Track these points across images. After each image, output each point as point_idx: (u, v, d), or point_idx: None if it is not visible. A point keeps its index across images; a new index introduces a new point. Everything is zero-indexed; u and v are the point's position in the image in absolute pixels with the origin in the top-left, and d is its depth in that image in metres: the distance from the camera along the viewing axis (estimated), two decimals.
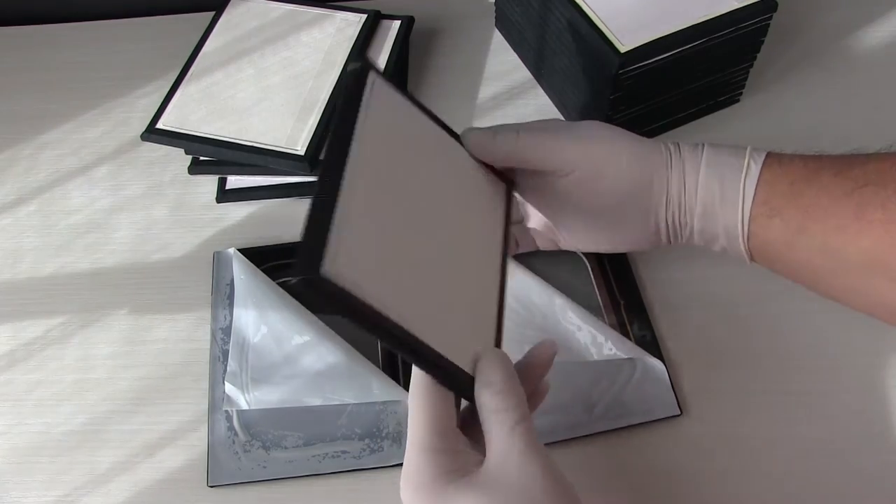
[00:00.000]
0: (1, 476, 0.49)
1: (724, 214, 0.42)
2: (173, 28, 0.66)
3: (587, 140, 0.43)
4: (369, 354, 0.50)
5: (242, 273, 0.53)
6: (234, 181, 0.59)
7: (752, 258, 0.44)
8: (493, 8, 0.66)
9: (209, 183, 0.61)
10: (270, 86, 0.60)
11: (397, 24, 0.64)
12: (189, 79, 0.60)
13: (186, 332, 0.53)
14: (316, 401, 0.48)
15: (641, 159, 0.43)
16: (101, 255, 0.58)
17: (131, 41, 0.70)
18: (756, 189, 0.41)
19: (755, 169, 0.41)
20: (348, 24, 0.63)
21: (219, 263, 0.55)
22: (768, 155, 0.42)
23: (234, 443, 0.48)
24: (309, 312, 0.51)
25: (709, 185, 0.42)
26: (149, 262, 0.57)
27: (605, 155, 0.43)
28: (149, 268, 0.57)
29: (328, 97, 0.58)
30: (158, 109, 0.59)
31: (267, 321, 0.51)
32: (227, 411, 0.49)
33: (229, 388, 0.49)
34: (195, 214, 0.59)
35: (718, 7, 0.53)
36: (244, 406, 0.49)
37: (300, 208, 0.59)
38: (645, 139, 0.44)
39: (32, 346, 0.54)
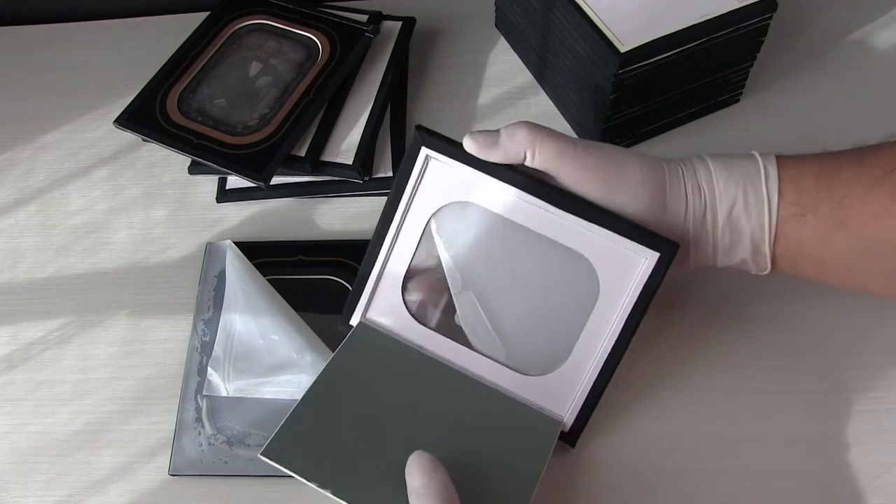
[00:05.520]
0: (1, 476, 0.49)
1: (749, 221, 0.41)
2: (173, 28, 0.66)
3: (598, 147, 0.42)
4: None
5: (235, 264, 0.53)
6: (234, 181, 0.59)
7: (773, 265, 0.43)
8: (494, 8, 0.66)
9: (209, 183, 0.61)
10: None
11: (398, 24, 0.64)
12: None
13: (186, 332, 0.53)
14: (290, 396, 0.49)
15: (652, 169, 0.42)
16: (101, 257, 0.58)
17: (131, 41, 0.70)
18: (780, 189, 0.41)
19: (772, 170, 0.41)
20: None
21: (209, 255, 0.56)
22: (777, 157, 0.42)
23: (199, 434, 0.48)
24: (292, 310, 0.51)
25: (731, 193, 0.41)
26: (149, 263, 0.57)
27: (620, 160, 0.42)
28: (149, 269, 0.57)
29: (328, 100, 0.58)
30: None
31: (254, 314, 0.51)
32: (196, 401, 0.49)
33: (212, 374, 0.50)
34: (195, 215, 0.59)
35: (718, 7, 0.53)
36: (223, 393, 0.49)
37: (300, 208, 0.59)
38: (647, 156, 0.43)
39: (32, 347, 0.54)
